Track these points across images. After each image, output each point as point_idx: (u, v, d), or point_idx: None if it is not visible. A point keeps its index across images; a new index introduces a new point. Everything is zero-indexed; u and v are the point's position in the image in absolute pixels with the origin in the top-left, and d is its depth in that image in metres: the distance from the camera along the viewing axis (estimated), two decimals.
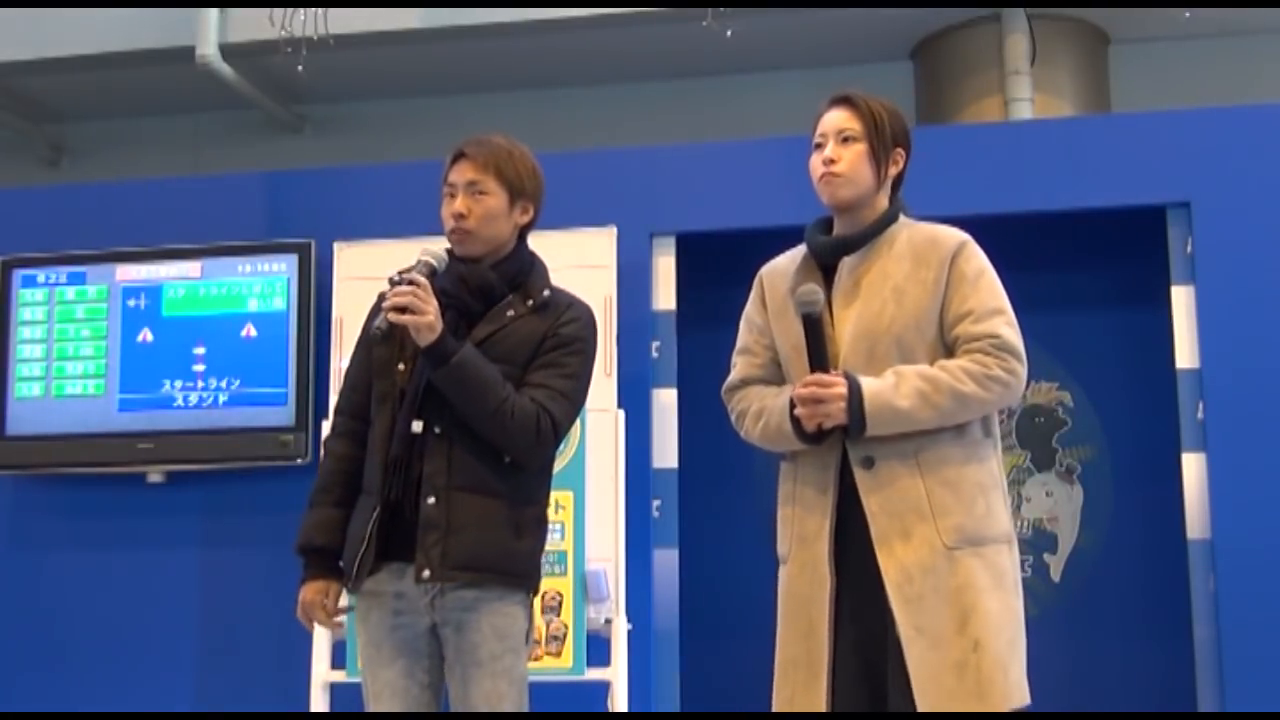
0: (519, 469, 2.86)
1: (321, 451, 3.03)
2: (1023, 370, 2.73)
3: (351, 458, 2.94)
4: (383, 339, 2.81)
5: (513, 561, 2.84)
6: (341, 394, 3.03)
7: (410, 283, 2.77)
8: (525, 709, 2.86)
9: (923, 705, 2.60)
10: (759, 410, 2.84)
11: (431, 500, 2.80)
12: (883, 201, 2.86)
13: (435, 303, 2.78)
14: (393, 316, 2.75)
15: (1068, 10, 5.84)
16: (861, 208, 2.83)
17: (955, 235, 2.82)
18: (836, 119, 2.84)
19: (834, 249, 2.83)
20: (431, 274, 2.85)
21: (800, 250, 2.91)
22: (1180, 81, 5.95)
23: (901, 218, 2.86)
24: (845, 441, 2.72)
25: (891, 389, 2.67)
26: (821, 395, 2.67)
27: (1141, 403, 5.16)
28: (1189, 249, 4.66)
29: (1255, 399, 4.53)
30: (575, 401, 2.92)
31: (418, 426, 2.83)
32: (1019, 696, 2.66)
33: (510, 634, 2.83)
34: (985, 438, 2.77)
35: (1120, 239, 5.12)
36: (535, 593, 2.93)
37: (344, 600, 2.95)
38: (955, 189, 4.63)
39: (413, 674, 2.86)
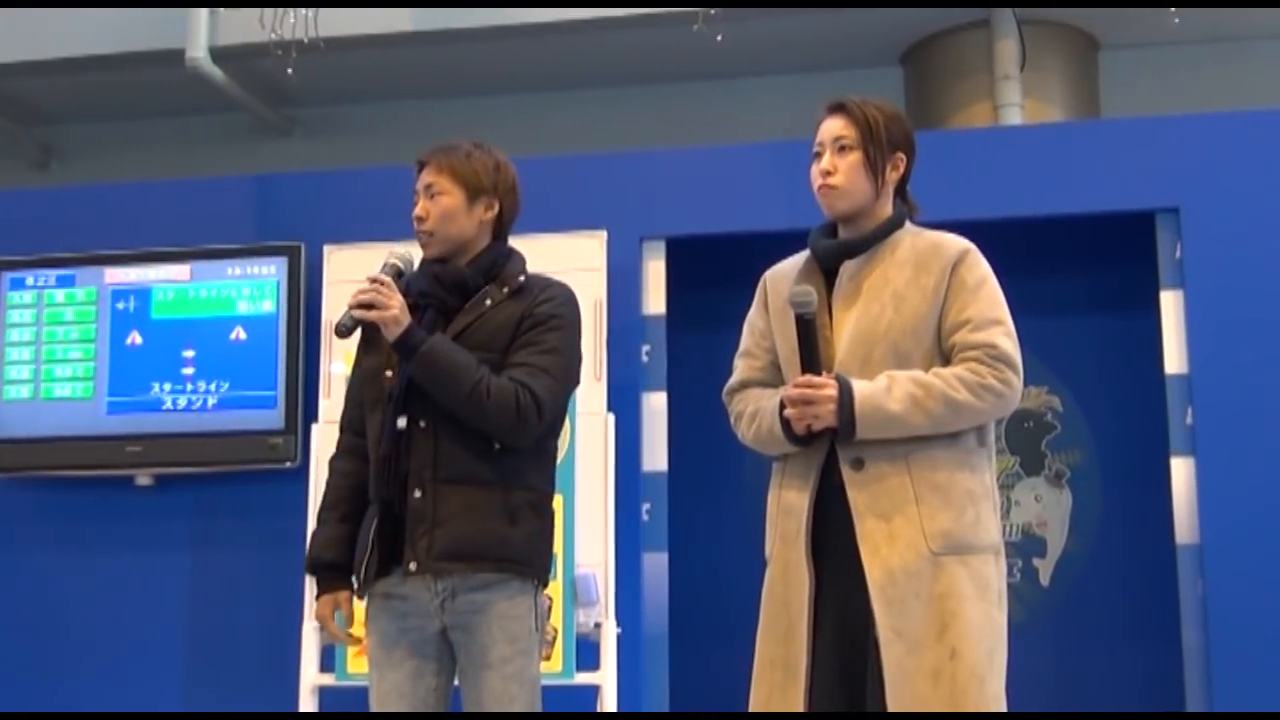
0: (510, 454, 2.86)
1: (327, 470, 3.05)
2: (1018, 382, 2.71)
3: (354, 472, 2.96)
4: (346, 334, 2.86)
5: (507, 548, 2.82)
6: (343, 413, 3.06)
7: (374, 280, 2.83)
8: (537, 709, 2.86)
9: (894, 709, 2.59)
10: (753, 412, 2.83)
11: (418, 494, 2.82)
12: (885, 207, 2.84)
13: (399, 298, 2.83)
14: (357, 313, 2.82)
15: (1057, 14, 5.84)
16: (863, 215, 2.82)
17: (959, 243, 2.80)
18: (832, 127, 2.84)
19: (836, 253, 2.83)
20: (398, 274, 2.92)
21: (804, 254, 2.90)
22: (1170, 87, 5.96)
23: (907, 224, 2.85)
24: (835, 443, 2.71)
25: (883, 392, 2.66)
26: (811, 396, 2.66)
27: (1130, 407, 5.16)
28: (1178, 254, 4.67)
29: (1244, 404, 4.53)
30: (559, 377, 2.90)
31: (402, 422, 2.85)
32: (995, 709, 2.63)
33: (520, 636, 2.83)
34: (980, 447, 2.76)
35: (1109, 244, 5.13)
36: (544, 583, 2.91)
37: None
38: (945, 194, 4.59)
39: (421, 677, 2.87)
